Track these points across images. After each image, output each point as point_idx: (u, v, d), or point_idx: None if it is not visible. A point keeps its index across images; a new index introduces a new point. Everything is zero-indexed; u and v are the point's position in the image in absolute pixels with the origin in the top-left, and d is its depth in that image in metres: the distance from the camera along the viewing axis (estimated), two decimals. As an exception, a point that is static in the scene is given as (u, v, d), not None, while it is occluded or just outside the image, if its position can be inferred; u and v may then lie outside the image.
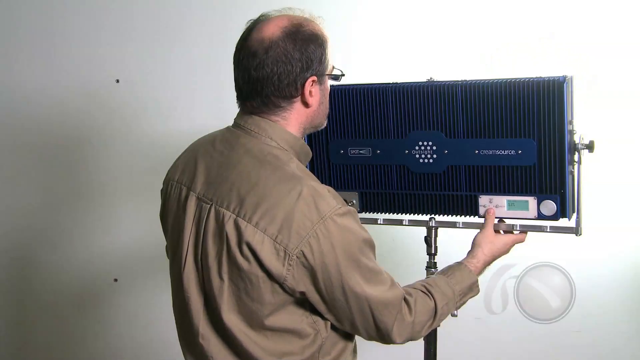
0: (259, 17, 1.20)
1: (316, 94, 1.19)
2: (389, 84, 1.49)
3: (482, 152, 1.44)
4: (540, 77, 1.37)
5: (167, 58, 2.32)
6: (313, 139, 1.57)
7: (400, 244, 2.09)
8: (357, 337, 1.30)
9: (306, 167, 1.24)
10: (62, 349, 2.54)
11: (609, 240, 2.13)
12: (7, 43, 2.40)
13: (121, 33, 2.33)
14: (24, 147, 2.45)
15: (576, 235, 1.46)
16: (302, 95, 1.17)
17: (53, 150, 2.44)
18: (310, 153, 1.28)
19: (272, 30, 1.15)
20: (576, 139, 1.42)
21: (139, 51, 2.33)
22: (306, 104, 1.19)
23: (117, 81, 2.35)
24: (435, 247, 1.59)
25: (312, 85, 1.17)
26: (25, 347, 2.58)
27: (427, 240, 1.58)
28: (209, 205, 1.16)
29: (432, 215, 1.56)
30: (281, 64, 1.13)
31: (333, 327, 1.22)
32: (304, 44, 1.15)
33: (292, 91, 1.16)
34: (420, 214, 1.56)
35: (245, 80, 1.16)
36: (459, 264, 1.39)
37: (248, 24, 1.20)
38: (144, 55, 2.33)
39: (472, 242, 1.45)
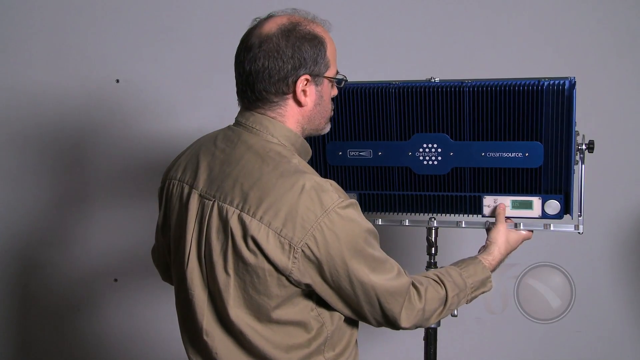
0: (267, 16, 1.20)
1: (311, 94, 1.19)
2: (394, 83, 1.47)
3: (489, 154, 1.44)
4: (551, 79, 1.37)
5: (167, 58, 2.32)
6: (309, 139, 1.55)
7: (400, 244, 2.09)
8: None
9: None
10: (62, 348, 2.54)
11: (609, 240, 2.13)
12: (7, 43, 2.39)
13: (121, 33, 2.32)
14: (23, 146, 2.45)
15: (579, 233, 1.47)
16: (295, 93, 1.17)
17: (53, 150, 2.43)
18: (310, 151, 1.29)
19: (269, 27, 1.16)
20: (579, 139, 1.43)
21: (139, 51, 2.33)
22: (299, 103, 1.19)
23: (117, 81, 2.35)
24: (436, 247, 1.59)
25: (305, 84, 1.17)
26: (25, 347, 2.58)
27: (428, 239, 1.58)
28: (211, 202, 1.17)
29: (432, 215, 1.55)
30: (272, 59, 1.14)
31: (338, 321, 1.23)
32: (298, 41, 1.15)
33: (282, 87, 1.16)
34: (421, 214, 1.55)
35: (240, 73, 1.18)
36: (473, 258, 1.39)
37: (253, 23, 1.21)
38: (144, 55, 2.33)
39: (488, 239, 1.45)
